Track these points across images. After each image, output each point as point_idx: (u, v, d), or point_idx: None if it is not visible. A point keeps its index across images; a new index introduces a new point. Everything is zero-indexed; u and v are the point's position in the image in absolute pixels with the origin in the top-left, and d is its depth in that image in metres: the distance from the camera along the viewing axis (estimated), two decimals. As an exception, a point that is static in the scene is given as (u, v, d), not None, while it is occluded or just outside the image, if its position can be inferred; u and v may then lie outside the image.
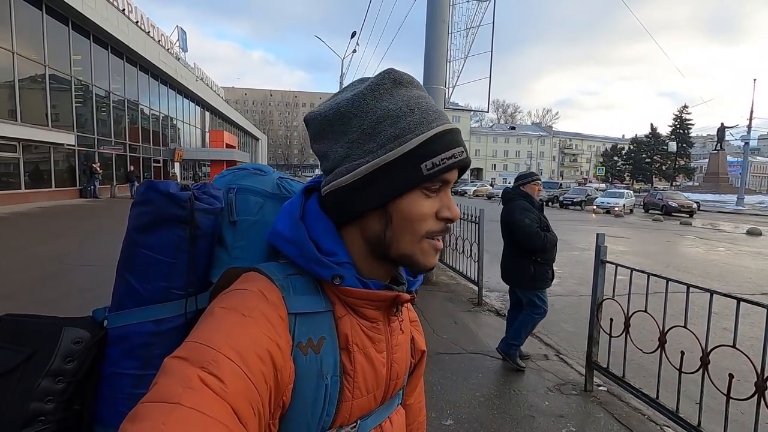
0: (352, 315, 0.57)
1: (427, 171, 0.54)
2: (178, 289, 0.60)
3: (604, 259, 3.19)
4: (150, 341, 0.59)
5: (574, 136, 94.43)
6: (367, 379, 0.58)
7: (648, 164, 62.00)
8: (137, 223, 0.61)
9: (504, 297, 6.06)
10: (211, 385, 0.41)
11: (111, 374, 0.60)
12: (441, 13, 5.83)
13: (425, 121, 0.56)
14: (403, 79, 0.58)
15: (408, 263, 0.58)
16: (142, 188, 0.62)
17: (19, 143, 14.80)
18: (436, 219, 0.57)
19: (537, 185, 3.70)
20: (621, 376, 2.99)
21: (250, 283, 0.53)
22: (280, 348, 0.49)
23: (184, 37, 31.67)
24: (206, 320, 0.49)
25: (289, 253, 0.57)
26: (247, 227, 0.65)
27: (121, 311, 0.61)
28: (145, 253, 0.60)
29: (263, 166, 0.73)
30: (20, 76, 15.02)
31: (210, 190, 0.64)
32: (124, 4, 20.82)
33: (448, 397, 3.05)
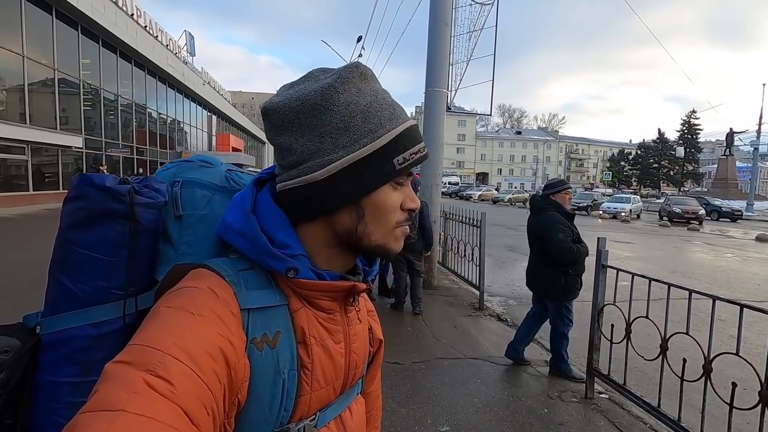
0: (307, 307, 0.56)
1: (399, 165, 0.56)
2: (119, 289, 0.57)
3: (605, 263, 3.14)
4: (89, 345, 0.56)
5: (581, 140, 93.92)
6: (326, 370, 0.57)
7: (655, 169, 61.53)
8: (71, 221, 0.57)
9: (505, 302, 6.01)
10: (158, 388, 0.39)
11: (46, 383, 0.56)
12: (444, 16, 5.83)
13: (394, 116, 0.57)
14: (368, 73, 0.58)
15: (381, 252, 0.60)
16: (75, 182, 0.58)
17: (28, 146, 14.99)
18: (401, 210, 0.59)
19: (568, 194, 3.62)
20: (622, 384, 2.93)
21: (199, 281, 0.51)
22: (233, 345, 0.47)
23: (191, 42, 32.03)
24: (151, 321, 0.46)
25: (239, 246, 0.55)
26: (194, 222, 0.62)
27: (56, 315, 0.57)
28: (80, 251, 0.56)
29: (210, 158, 0.70)
30: (30, 80, 15.26)
31: (152, 184, 0.61)
32: (132, 9, 21.10)
33: (445, 402, 3.00)
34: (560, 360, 3.53)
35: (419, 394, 3.10)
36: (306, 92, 0.55)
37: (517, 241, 12.19)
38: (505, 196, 37.47)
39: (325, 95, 0.54)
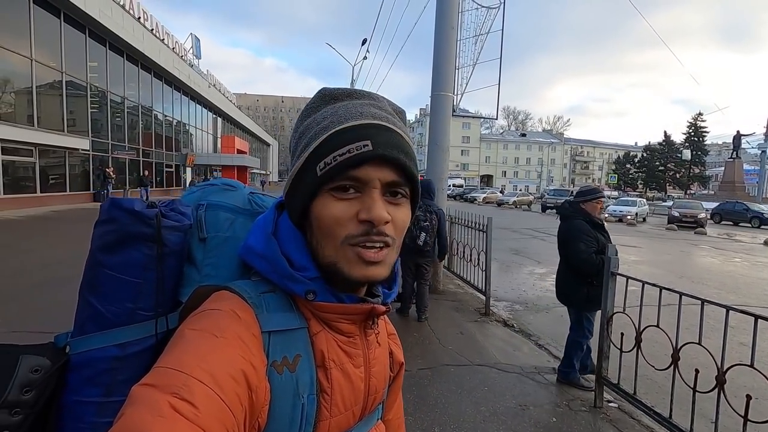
0: (327, 330, 0.56)
1: (320, 171, 0.53)
2: (145, 311, 0.58)
3: (614, 270, 3.10)
4: (113, 366, 0.57)
5: (586, 143, 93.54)
6: (345, 395, 0.57)
7: (661, 172, 61.13)
8: (101, 243, 0.59)
9: (512, 307, 5.97)
10: (182, 411, 0.39)
11: (72, 403, 0.57)
12: (450, 20, 5.81)
13: (331, 124, 0.54)
14: (335, 93, 0.58)
15: (334, 272, 0.54)
16: (105, 206, 0.60)
17: (35, 148, 15.12)
18: (357, 222, 0.52)
19: (600, 203, 3.49)
20: (632, 393, 2.89)
21: (222, 303, 0.52)
22: (255, 368, 0.48)
23: (197, 45, 32.26)
24: (176, 343, 0.47)
25: (261, 269, 0.56)
26: (217, 244, 0.63)
27: (84, 336, 0.58)
28: (109, 273, 0.58)
29: (233, 182, 0.72)
30: (38, 83, 15.40)
31: (178, 207, 0.63)
32: (139, 12, 21.28)
33: (451, 410, 2.97)
34: (570, 368, 3.49)
35: (426, 401, 3.07)
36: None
37: (522, 245, 12.13)
38: (509, 199, 37.32)
39: (295, 126, 0.60)
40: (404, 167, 0.54)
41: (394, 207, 0.55)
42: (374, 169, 0.52)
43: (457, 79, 6.17)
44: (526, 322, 5.27)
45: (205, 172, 34.79)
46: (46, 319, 4.28)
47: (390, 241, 0.54)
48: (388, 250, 0.55)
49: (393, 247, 0.56)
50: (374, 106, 0.57)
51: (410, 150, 0.56)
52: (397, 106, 0.62)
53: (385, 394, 0.67)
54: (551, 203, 29.24)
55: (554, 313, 5.77)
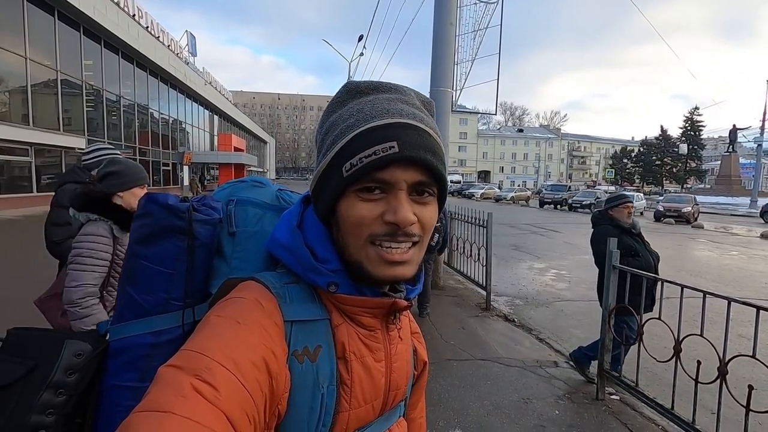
0: (349, 323, 0.57)
1: (346, 172, 0.52)
2: (177, 300, 0.61)
3: (615, 264, 3.12)
4: (149, 353, 0.60)
5: (583, 138, 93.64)
6: (365, 389, 0.57)
7: (658, 167, 61.27)
8: (138, 236, 0.63)
9: (512, 302, 5.99)
10: (204, 392, 0.40)
11: (110, 387, 0.61)
12: (448, 15, 5.80)
13: (357, 122, 0.53)
14: (360, 87, 0.57)
15: (358, 270, 0.55)
16: (143, 201, 0.64)
17: (31, 147, 15.02)
18: (383, 222, 0.52)
19: (627, 207, 3.53)
20: (634, 385, 2.92)
21: (246, 291, 0.54)
22: (276, 355, 0.49)
23: (193, 42, 32.05)
24: (201, 329, 0.49)
25: (285, 260, 0.57)
26: (246, 238, 0.65)
27: (122, 323, 0.62)
28: (145, 264, 0.61)
29: (263, 179, 0.74)
30: (33, 82, 15.28)
31: (209, 202, 0.66)
32: (134, 10, 21.11)
33: (455, 405, 2.99)
34: (583, 357, 3.50)
35: (429, 396, 3.08)
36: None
37: (521, 240, 12.17)
38: (507, 195, 37.35)
39: (321, 120, 0.59)
40: (432, 168, 0.53)
41: (421, 206, 0.54)
42: (401, 171, 0.52)
43: (456, 75, 6.16)
44: (527, 316, 5.30)
45: (202, 171, 34.69)
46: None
47: (417, 239, 0.54)
48: (414, 249, 0.54)
49: (420, 245, 0.55)
50: (401, 101, 0.55)
51: (438, 149, 0.55)
52: (426, 98, 0.61)
53: (407, 391, 0.67)
54: (549, 198, 29.31)
55: (554, 307, 5.81)
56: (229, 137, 37.65)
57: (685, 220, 20.31)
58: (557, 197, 28.88)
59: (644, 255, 3.35)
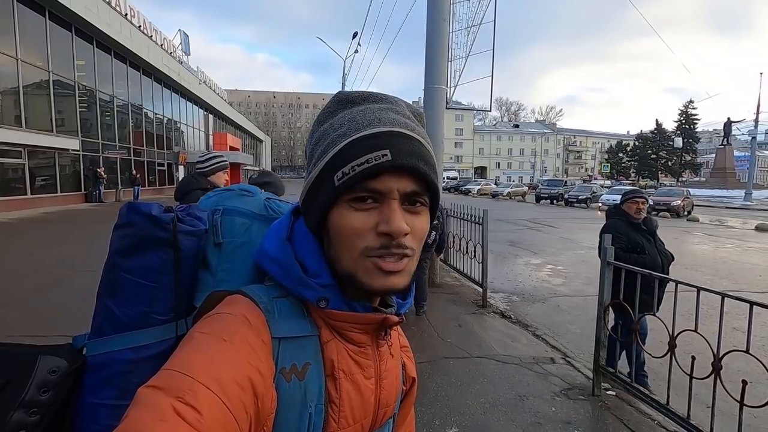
0: (338, 339, 0.55)
1: (338, 181, 0.51)
2: (159, 314, 0.59)
3: (610, 260, 3.12)
4: (129, 369, 0.58)
5: (579, 133, 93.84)
6: (354, 407, 0.55)
7: (653, 160, 61.53)
8: (119, 247, 0.60)
9: (509, 298, 6.01)
10: (185, 416, 0.39)
11: (88, 404, 0.58)
12: (441, 11, 5.77)
13: (349, 131, 0.52)
14: (351, 97, 0.57)
15: (352, 283, 0.53)
16: (124, 210, 0.61)
17: (24, 149, 14.89)
18: (376, 234, 0.51)
19: (635, 203, 3.45)
20: (630, 381, 2.93)
21: (233, 307, 0.52)
22: (262, 375, 0.47)
23: (186, 41, 31.79)
24: (185, 346, 0.47)
25: (274, 273, 0.56)
26: (232, 249, 0.63)
27: (101, 338, 0.60)
28: (126, 277, 0.59)
29: (250, 187, 0.72)
30: (25, 83, 15.13)
31: (194, 212, 0.64)
32: (126, 9, 20.92)
33: (452, 403, 2.99)
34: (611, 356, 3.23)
35: (426, 395, 3.09)
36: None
37: (517, 236, 12.19)
38: (504, 190, 37.45)
39: (311, 130, 0.58)
40: (424, 176, 0.52)
41: (413, 216, 0.53)
42: (393, 179, 0.51)
43: (450, 72, 6.14)
44: (524, 312, 5.31)
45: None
46: (43, 323, 4.25)
47: (410, 252, 0.53)
48: (407, 260, 0.53)
49: (413, 258, 0.54)
50: (392, 111, 0.55)
51: (430, 158, 0.54)
52: (417, 109, 0.60)
53: (396, 408, 0.66)
54: (545, 193, 29.38)
55: (551, 303, 5.83)
56: (225, 136, 37.45)
57: (675, 214, 20.31)
58: (553, 192, 28.96)
59: (652, 253, 3.27)
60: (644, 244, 3.29)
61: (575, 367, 3.66)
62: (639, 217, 3.42)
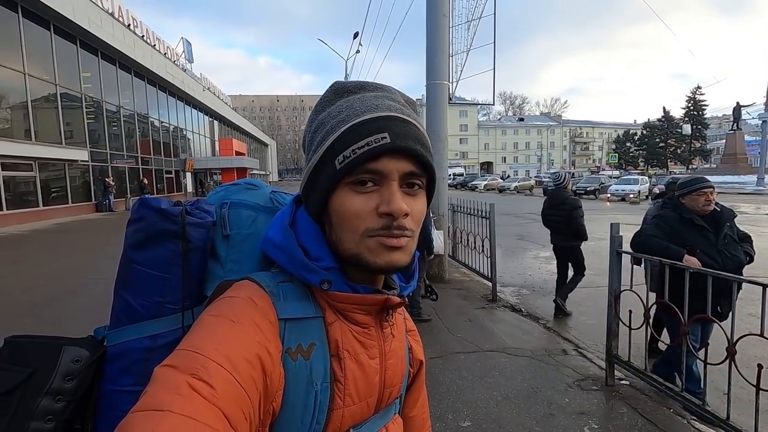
0: (342, 321, 0.57)
1: (339, 164, 0.53)
2: (172, 304, 0.62)
3: (620, 249, 3.09)
4: (146, 357, 0.60)
5: (585, 124, 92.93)
6: (359, 386, 0.57)
7: (662, 149, 60.70)
8: (132, 241, 0.63)
9: (519, 291, 5.98)
10: (201, 391, 0.41)
11: (109, 392, 0.61)
12: (441, 7, 5.76)
13: (348, 117, 0.55)
14: (347, 86, 0.59)
15: (357, 263, 0.55)
16: (135, 206, 0.64)
17: (35, 162, 15.13)
18: (377, 216, 0.53)
19: (702, 195, 2.84)
20: (643, 369, 2.90)
21: (240, 290, 0.54)
22: (270, 353, 0.49)
23: (189, 49, 32.08)
24: (196, 328, 0.49)
25: (278, 259, 0.58)
26: (240, 240, 0.66)
27: (119, 328, 0.63)
28: (139, 269, 0.62)
29: (256, 181, 0.75)
30: (33, 97, 15.36)
31: (202, 205, 0.66)
32: (129, 20, 21.15)
33: (464, 397, 2.99)
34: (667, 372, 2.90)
35: (438, 390, 3.09)
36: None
37: (526, 230, 12.12)
38: (511, 185, 37.21)
39: (309, 120, 0.61)
40: (421, 158, 0.55)
41: (411, 198, 0.55)
42: (392, 161, 0.53)
43: (451, 67, 6.12)
44: (534, 305, 5.29)
45: (204, 176, 34.84)
46: (58, 331, 4.32)
47: (409, 234, 0.55)
48: (407, 239, 0.55)
49: (412, 238, 0.56)
50: (388, 98, 0.58)
51: (426, 141, 0.57)
52: (408, 97, 0.63)
53: (402, 389, 0.68)
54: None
55: (561, 295, 5.78)
56: (230, 142, 37.75)
57: None
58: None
59: (709, 253, 2.71)
60: (696, 243, 2.73)
61: (588, 357, 3.63)
62: (708, 209, 2.81)
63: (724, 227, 2.81)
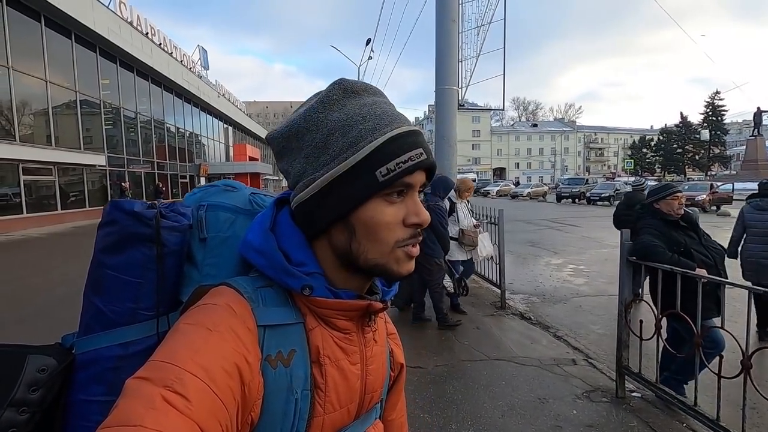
0: (323, 326, 0.56)
1: (383, 177, 0.53)
2: (146, 310, 0.59)
3: (630, 257, 3.01)
4: (118, 365, 0.58)
5: (600, 129, 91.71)
6: (340, 392, 0.56)
7: (680, 155, 59.51)
8: (103, 245, 0.60)
9: (528, 299, 5.88)
10: (175, 404, 0.40)
11: (78, 401, 0.59)
12: (450, 12, 5.76)
13: (378, 126, 0.54)
14: (355, 87, 0.58)
15: (381, 273, 0.56)
16: (107, 208, 0.61)
17: (54, 167, 15.56)
18: (404, 226, 0.55)
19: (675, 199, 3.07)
20: (654, 381, 2.81)
21: (217, 297, 0.53)
22: (248, 362, 0.48)
23: (205, 56, 32.71)
24: (171, 337, 0.48)
25: (258, 264, 0.56)
26: (217, 244, 0.64)
27: (89, 335, 0.60)
28: (111, 274, 0.59)
29: (235, 183, 0.72)
30: (54, 104, 15.85)
31: (178, 208, 0.64)
32: (147, 28, 21.69)
33: (469, 407, 2.93)
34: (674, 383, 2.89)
35: (442, 398, 3.04)
36: (293, 118, 0.58)
37: (537, 236, 11.96)
38: (523, 191, 36.87)
39: (307, 117, 0.56)
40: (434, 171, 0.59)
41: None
42: (419, 174, 0.56)
43: (461, 72, 6.10)
44: (544, 313, 5.19)
45: (219, 181, 35.18)
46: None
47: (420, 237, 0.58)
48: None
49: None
50: (391, 105, 0.59)
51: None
52: None
53: (383, 393, 0.67)
54: (566, 193, 28.77)
55: (572, 303, 5.67)
56: (244, 147, 38.27)
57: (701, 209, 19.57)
58: (575, 191, 28.33)
59: (700, 251, 2.88)
60: (687, 243, 2.90)
61: (598, 368, 3.54)
62: (681, 212, 3.06)
63: (698, 225, 3.09)
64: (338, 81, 0.58)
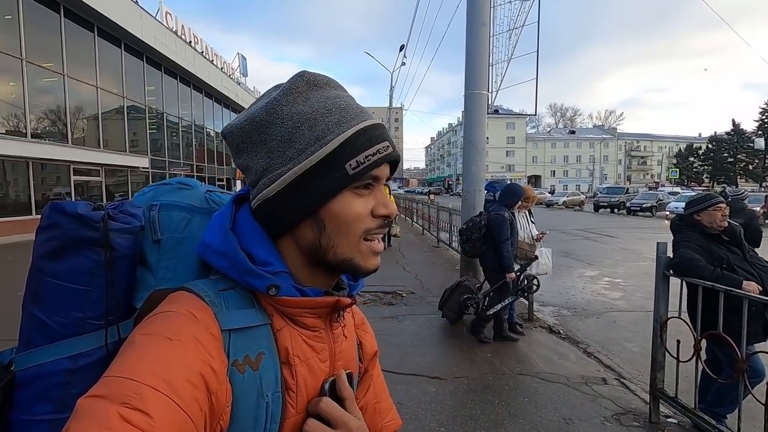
0: (291, 326, 0.55)
1: (353, 170, 0.53)
2: (95, 319, 0.55)
3: (666, 272, 2.81)
4: (65, 380, 0.53)
5: (642, 137, 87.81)
6: (310, 391, 0.55)
7: (730, 164, 55.94)
8: (44, 251, 0.55)
9: (558, 312, 5.63)
10: (135, 421, 0.37)
11: (21, 422, 0.54)
12: (481, 16, 5.65)
13: (344, 119, 0.54)
14: (318, 80, 0.57)
15: (348, 268, 0.56)
16: (46, 210, 0.56)
17: (102, 168, 16.50)
18: (372, 217, 0.55)
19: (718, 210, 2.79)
20: (692, 407, 2.59)
21: (176, 304, 0.50)
22: (214, 369, 0.46)
23: (244, 63, 33.87)
24: (126, 350, 0.45)
25: (219, 266, 0.54)
26: (172, 245, 0.60)
27: (31, 350, 0.55)
28: (53, 282, 0.54)
29: (190, 180, 0.69)
30: (103, 109, 16.83)
31: (128, 208, 0.60)
32: (190, 37, 22.70)
33: (488, 423, 2.81)
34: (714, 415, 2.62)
35: (460, 412, 2.93)
36: (254, 111, 0.56)
37: (571, 247, 11.50)
38: (559, 199, 35.75)
39: (269, 110, 0.54)
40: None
41: None
42: (386, 167, 0.57)
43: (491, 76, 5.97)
44: (574, 328, 4.95)
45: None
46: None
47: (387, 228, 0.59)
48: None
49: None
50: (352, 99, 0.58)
51: None
52: None
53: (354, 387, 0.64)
54: (604, 202, 27.63)
55: (606, 318, 5.39)
56: (279, 151, 39.21)
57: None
58: (614, 200, 27.15)
59: (745, 268, 2.63)
60: (730, 258, 2.66)
61: (630, 389, 3.31)
62: (724, 224, 2.77)
63: (743, 239, 2.79)
64: (300, 73, 0.56)
